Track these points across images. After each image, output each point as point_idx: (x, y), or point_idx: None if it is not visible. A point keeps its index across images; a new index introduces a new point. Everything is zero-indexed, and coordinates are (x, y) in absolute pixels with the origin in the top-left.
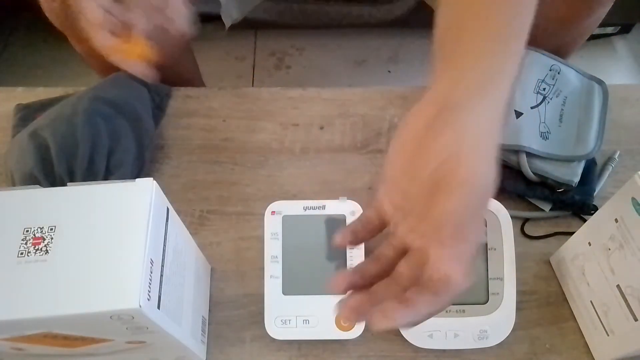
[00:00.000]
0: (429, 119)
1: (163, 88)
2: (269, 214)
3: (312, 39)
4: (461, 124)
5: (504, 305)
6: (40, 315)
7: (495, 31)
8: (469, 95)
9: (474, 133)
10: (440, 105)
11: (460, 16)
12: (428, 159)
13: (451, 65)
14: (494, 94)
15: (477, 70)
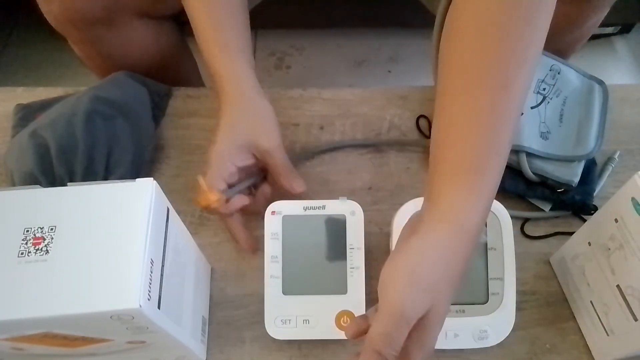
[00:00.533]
0: (403, 238)
1: (163, 88)
2: (269, 213)
3: (312, 39)
4: (407, 253)
5: (504, 305)
6: (41, 315)
7: (466, 163)
8: (428, 223)
9: (410, 265)
10: (412, 227)
11: (439, 143)
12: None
13: (428, 191)
14: (454, 224)
15: (441, 200)
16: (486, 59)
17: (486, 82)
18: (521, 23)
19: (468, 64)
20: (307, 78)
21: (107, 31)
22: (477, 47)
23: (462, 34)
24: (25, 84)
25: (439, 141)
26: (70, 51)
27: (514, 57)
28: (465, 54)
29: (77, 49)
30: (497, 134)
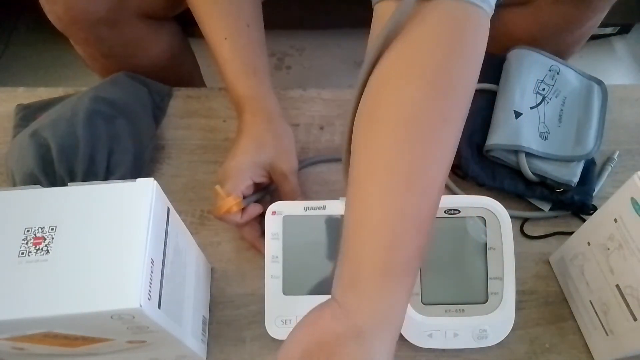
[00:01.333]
0: (329, 335)
1: (163, 88)
2: (269, 214)
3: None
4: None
5: (504, 305)
6: (41, 315)
7: (392, 266)
8: (369, 328)
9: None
10: (342, 325)
11: (361, 241)
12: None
13: (351, 288)
14: (392, 326)
15: (376, 302)
16: (410, 158)
17: (410, 185)
18: (440, 121)
19: (391, 162)
20: (307, 78)
21: (110, 31)
22: (400, 142)
23: (383, 124)
24: (26, 84)
25: (360, 238)
26: (71, 51)
27: (435, 156)
28: (388, 148)
29: (80, 49)
30: (419, 237)
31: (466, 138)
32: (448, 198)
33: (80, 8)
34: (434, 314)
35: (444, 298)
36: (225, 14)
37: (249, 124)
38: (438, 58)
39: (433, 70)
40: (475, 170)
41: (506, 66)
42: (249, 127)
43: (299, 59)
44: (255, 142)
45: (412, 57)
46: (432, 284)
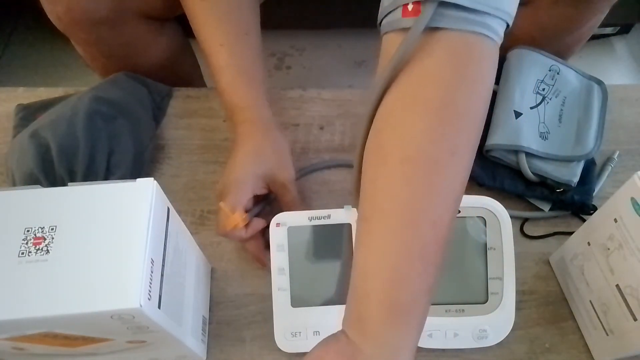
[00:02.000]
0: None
1: (163, 88)
2: (273, 225)
3: (312, 39)
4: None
5: (504, 305)
6: (41, 315)
7: (400, 305)
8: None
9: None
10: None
11: (369, 278)
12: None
13: (360, 325)
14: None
15: (383, 341)
16: (415, 194)
17: (416, 221)
18: (446, 155)
19: (397, 198)
20: (307, 78)
21: (111, 32)
22: (406, 178)
23: (390, 159)
24: (25, 84)
25: (368, 275)
26: (71, 51)
27: (442, 191)
28: (394, 184)
29: (81, 50)
30: (428, 274)
31: None
32: None
33: (81, 8)
34: (434, 314)
35: (444, 298)
36: (223, 20)
37: (246, 135)
38: (442, 91)
39: (438, 103)
40: (475, 170)
41: (506, 66)
42: (246, 138)
43: (299, 59)
44: (254, 154)
45: (416, 92)
46: None
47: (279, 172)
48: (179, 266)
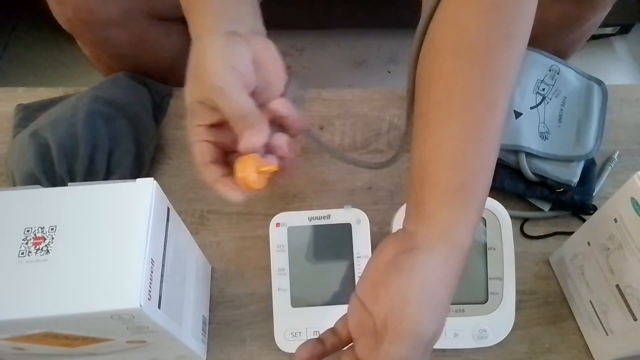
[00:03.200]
0: (390, 256)
1: (164, 88)
2: (273, 226)
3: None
4: (413, 271)
5: (504, 305)
6: (41, 315)
7: (456, 184)
8: (426, 242)
9: (422, 283)
10: (401, 246)
11: (426, 164)
12: (382, 302)
13: (416, 212)
14: (451, 242)
15: (436, 219)
16: (469, 79)
17: (471, 104)
18: (501, 40)
19: (451, 85)
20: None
21: (118, 32)
22: (459, 66)
23: (442, 52)
24: (25, 84)
25: (425, 163)
26: (71, 51)
27: (496, 75)
28: (447, 73)
29: (87, 50)
30: (484, 154)
31: None
32: None
33: (90, 9)
34: None
35: None
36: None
37: (209, 38)
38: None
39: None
40: None
41: None
42: (210, 40)
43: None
44: (188, 73)
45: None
46: None
47: (203, 87)
48: (179, 266)
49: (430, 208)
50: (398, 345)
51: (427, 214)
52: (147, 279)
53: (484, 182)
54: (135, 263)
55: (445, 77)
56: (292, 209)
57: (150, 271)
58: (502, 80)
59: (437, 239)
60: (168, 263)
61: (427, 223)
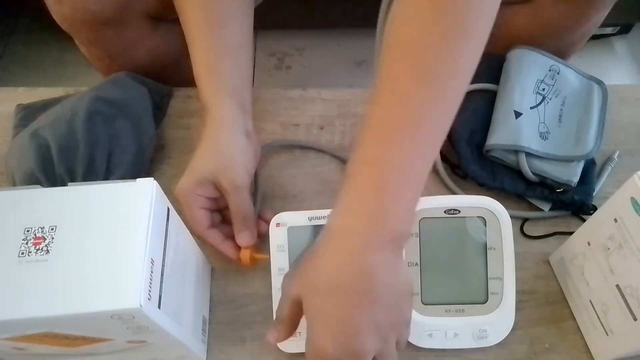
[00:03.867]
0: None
1: (163, 88)
2: (273, 226)
3: (312, 39)
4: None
5: (504, 305)
6: (41, 315)
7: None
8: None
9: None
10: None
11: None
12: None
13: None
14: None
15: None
16: (394, 74)
17: (386, 99)
18: (434, 38)
19: (380, 78)
20: (307, 78)
21: (116, 32)
22: (389, 61)
23: (383, 47)
24: (25, 84)
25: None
26: (71, 51)
27: (422, 73)
28: (381, 67)
29: (85, 50)
30: (391, 150)
31: (466, 138)
32: (448, 198)
33: (87, 8)
34: (434, 314)
35: (444, 298)
36: (198, 11)
37: (200, 136)
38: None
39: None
40: (475, 170)
41: (506, 66)
42: (199, 140)
43: (299, 59)
44: (197, 159)
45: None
46: (432, 284)
47: (222, 177)
48: (179, 266)
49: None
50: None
51: (347, 203)
52: (147, 279)
53: (404, 177)
54: (135, 263)
55: (379, 71)
56: (292, 209)
57: (150, 271)
58: (429, 77)
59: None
60: (168, 263)
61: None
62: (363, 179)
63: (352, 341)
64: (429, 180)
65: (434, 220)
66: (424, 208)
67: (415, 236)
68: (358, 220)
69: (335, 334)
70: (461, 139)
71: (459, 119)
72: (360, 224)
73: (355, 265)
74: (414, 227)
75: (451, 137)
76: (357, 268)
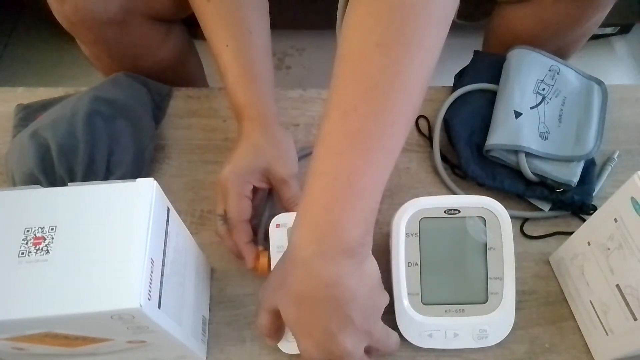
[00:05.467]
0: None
1: (163, 88)
2: (273, 226)
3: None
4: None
5: (504, 305)
6: (41, 315)
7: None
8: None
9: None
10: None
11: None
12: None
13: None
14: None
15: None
16: (336, 84)
17: (329, 110)
18: (373, 48)
19: (330, 88)
20: (307, 78)
21: (118, 32)
22: (335, 70)
23: (337, 57)
24: (25, 84)
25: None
26: (71, 51)
27: (360, 83)
28: (332, 77)
29: (87, 50)
30: (326, 159)
31: (466, 138)
32: (448, 198)
33: (89, 9)
34: (434, 314)
35: (444, 298)
36: (227, 21)
37: (246, 131)
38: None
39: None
40: (475, 170)
41: (506, 66)
42: (246, 135)
43: (299, 59)
44: (252, 148)
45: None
46: (432, 284)
47: (278, 167)
48: (179, 266)
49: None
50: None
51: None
52: (147, 279)
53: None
54: (135, 263)
55: (331, 81)
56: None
57: (150, 271)
58: (372, 89)
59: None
60: (168, 263)
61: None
62: (314, 191)
63: (333, 345)
64: (429, 180)
65: (434, 220)
66: (424, 208)
67: (415, 236)
68: (311, 233)
69: (315, 341)
70: (461, 139)
71: (458, 119)
72: (313, 237)
73: (316, 277)
74: (414, 227)
75: (451, 137)
76: (318, 280)
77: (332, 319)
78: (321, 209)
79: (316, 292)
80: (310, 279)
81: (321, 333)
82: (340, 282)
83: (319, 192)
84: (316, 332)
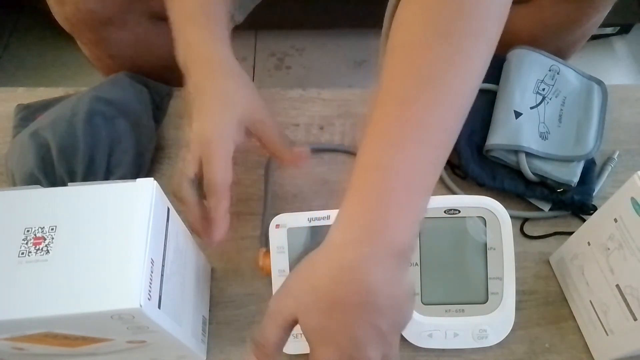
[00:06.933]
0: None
1: (163, 88)
2: (273, 227)
3: (312, 39)
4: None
5: (504, 305)
6: (41, 315)
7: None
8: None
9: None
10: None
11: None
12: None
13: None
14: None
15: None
16: (392, 74)
17: (384, 100)
18: (436, 38)
19: (382, 80)
20: (307, 78)
21: (118, 32)
22: (391, 61)
23: (388, 48)
24: (25, 84)
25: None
26: (71, 51)
27: (423, 73)
28: (384, 69)
29: (87, 50)
30: (390, 154)
31: (466, 138)
32: (448, 198)
33: (89, 9)
34: (434, 314)
35: (444, 298)
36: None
37: (206, 78)
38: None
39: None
40: (475, 170)
41: (506, 66)
42: (207, 82)
43: (299, 59)
44: (222, 96)
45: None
46: (432, 284)
47: (255, 111)
48: (179, 266)
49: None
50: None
51: (346, 216)
52: (147, 279)
53: (403, 180)
54: (135, 263)
55: (383, 72)
56: (292, 209)
57: (150, 271)
58: (433, 78)
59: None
60: (168, 263)
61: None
62: (364, 187)
63: (358, 354)
64: None
65: (434, 220)
66: None
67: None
68: (357, 233)
69: (340, 349)
70: (461, 139)
71: None
72: (363, 237)
73: (355, 282)
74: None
75: None
76: (361, 284)
77: (364, 328)
78: (372, 205)
79: (355, 297)
80: (352, 283)
81: (347, 341)
82: (384, 288)
83: (372, 187)
84: (342, 340)
